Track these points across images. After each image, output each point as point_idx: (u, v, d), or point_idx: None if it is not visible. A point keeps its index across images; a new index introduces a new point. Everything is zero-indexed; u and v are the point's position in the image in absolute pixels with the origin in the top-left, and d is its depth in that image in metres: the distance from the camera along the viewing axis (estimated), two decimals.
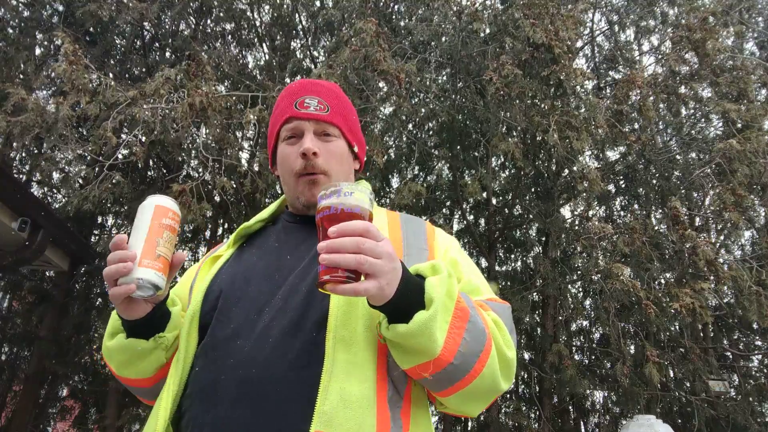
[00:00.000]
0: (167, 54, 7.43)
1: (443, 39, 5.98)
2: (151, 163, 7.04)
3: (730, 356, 8.06)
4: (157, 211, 0.90)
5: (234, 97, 5.36)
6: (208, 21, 7.42)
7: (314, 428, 0.78)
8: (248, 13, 7.17)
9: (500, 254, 8.43)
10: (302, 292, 0.91)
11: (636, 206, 7.61)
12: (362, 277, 0.77)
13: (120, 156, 5.11)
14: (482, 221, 8.18)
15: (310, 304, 0.89)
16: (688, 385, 6.92)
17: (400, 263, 0.81)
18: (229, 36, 7.38)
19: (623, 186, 7.76)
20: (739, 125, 5.74)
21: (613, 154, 7.65)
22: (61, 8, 7.05)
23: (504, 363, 0.89)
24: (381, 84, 5.48)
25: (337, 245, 0.74)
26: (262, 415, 0.81)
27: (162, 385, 0.97)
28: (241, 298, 0.94)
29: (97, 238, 8.23)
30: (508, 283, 7.75)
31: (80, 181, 5.85)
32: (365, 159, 1.21)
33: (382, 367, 0.87)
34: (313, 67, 6.62)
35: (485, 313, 0.92)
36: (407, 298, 0.80)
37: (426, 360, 0.81)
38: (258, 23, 7.35)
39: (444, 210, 8.24)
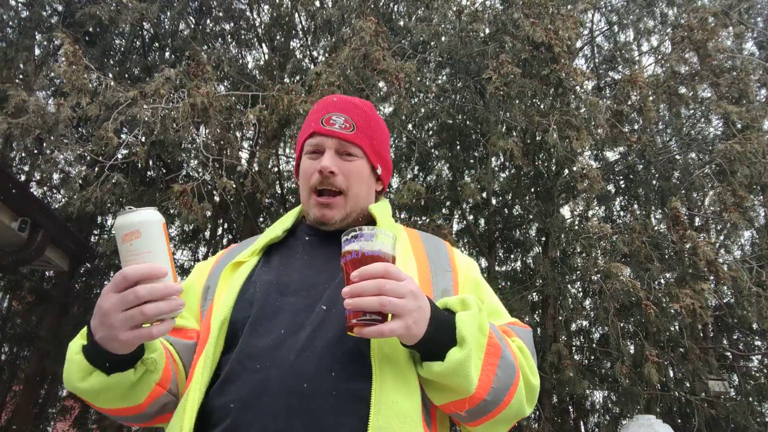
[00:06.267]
0: (167, 54, 7.43)
1: (443, 39, 5.98)
2: (151, 163, 7.04)
3: (730, 356, 8.06)
4: (165, 230, 0.82)
5: (234, 97, 5.36)
6: (208, 21, 7.42)
7: None
8: (247, 13, 7.17)
9: (500, 254, 8.42)
10: (340, 308, 0.89)
11: (636, 206, 7.61)
12: (389, 317, 0.78)
13: (120, 156, 5.11)
14: (482, 221, 8.17)
15: None
16: (687, 385, 6.92)
17: (428, 300, 0.82)
18: (229, 36, 7.38)
19: (623, 186, 7.76)
20: (739, 126, 5.74)
21: (612, 155, 7.65)
22: (60, 8, 7.05)
23: (529, 390, 0.92)
24: (381, 84, 5.48)
25: (359, 289, 0.76)
26: (317, 429, 0.80)
27: (155, 408, 0.93)
28: (279, 311, 0.92)
29: (97, 238, 8.23)
30: (508, 283, 7.75)
31: (80, 181, 5.85)
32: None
33: (420, 384, 0.88)
34: (312, 66, 6.62)
35: (510, 340, 0.94)
36: (438, 336, 0.81)
37: (461, 398, 0.83)
38: (257, 23, 7.35)
39: (444, 210, 8.24)
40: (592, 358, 8.30)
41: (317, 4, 7.01)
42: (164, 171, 6.98)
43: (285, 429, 0.79)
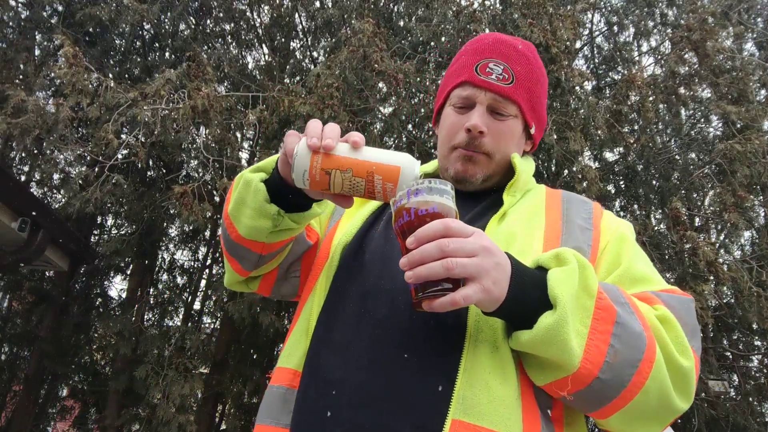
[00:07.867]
0: (167, 54, 7.44)
1: (443, 39, 5.99)
2: (151, 163, 7.04)
3: (730, 356, 8.06)
4: (389, 171, 0.77)
5: (234, 98, 5.36)
6: (208, 21, 7.43)
7: (452, 416, 0.68)
8: (248, 14, 7.18)
9: None
10: None
11: (636, 207, 7.61)
12: (461, 283, 0.65)
13: (120, 156, 5.11)
14: None
15: None
16: None
17: (507, 256, 0.68)
18: (229, 36, 7.38)
19: (623, 186, 7.76)
20: (739, 126, 5.74)
21: (612, 155, 7.65)
22: (60, 8, 7.05)
23: (675, 373, 0.70)
24: (380, 84, 5.48)
25: (418, 256, 0.64)
26: (395, 388, 0.71)
27: (265, 260, 0.94)
28: (391, 257, 0.85)
29: (97, 238, 8.23)
30: None
31: (80, 182, 5.86)
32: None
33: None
34: (312, 67, 6.63)
35: (647, 307, 0.75)
36: (526, 298, 0.67)
37: (563, 375, 0.68)
38: (258, 23, 7.35)
39: None
40: None
41: (317, 4, 7.02)
42: (164, 171, 6.98)
43: (366, 382, 0.73)
